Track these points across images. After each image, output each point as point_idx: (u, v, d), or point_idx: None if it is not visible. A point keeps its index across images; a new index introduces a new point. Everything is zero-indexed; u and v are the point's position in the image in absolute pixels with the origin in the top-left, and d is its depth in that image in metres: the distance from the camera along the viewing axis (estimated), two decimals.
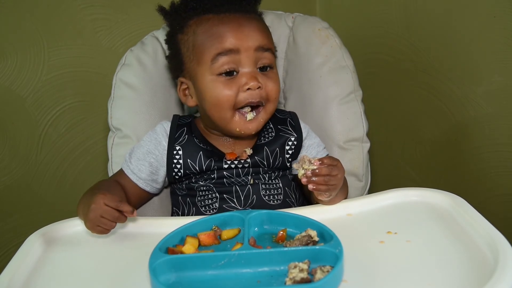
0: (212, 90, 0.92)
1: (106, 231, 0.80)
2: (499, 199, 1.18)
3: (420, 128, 1.36)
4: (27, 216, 1.38)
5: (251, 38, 0.92)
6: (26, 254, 0.75)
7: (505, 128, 1.13)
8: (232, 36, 0.91)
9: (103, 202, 0.77)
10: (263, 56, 0.94)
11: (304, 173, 0.81)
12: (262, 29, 0.96)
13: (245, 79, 0.91)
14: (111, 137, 1.07)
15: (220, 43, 0.91)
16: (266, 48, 0.94)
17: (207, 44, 0.92)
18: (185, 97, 1.00)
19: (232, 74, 0.92)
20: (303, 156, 0.83)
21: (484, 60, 1.13)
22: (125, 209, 0.77)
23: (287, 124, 1.02)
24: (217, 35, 0.92)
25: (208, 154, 0.96)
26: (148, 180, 0.98)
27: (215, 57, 0.91)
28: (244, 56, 0.91)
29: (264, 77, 0.93)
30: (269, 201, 0.95)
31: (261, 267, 0.66)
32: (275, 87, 0.95)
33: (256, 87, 0.91)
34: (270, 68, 0.96)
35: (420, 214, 0.80)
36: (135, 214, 0.78)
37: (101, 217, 0.77)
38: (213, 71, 0.92)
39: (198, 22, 0.95)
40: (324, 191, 0.82)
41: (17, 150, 1.33)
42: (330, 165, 0.82)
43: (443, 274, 0.64)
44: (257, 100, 0.92)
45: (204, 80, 0.93)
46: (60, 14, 1.29)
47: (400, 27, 1.33)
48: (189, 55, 0.96)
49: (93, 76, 1.36)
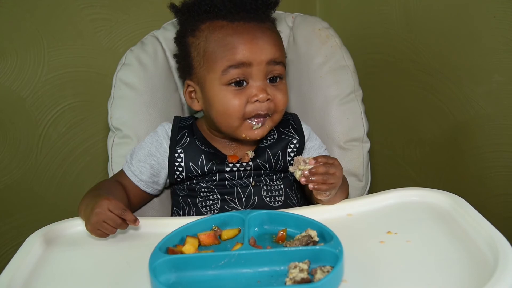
0: (221, 99, 0.91)
1: (106, 235, 0.80)
2: (499, 199, 1.18)
3: (420, 128, 1.36)
4: (27, 216, 1.38)
5: (264, 52, 0.91)
6: (26, 254, 0.75)
7: (505, 128, 1.13)
8: (245, 49, 0.90)
9: (107, 207, 0.77)
10: (274, 69, 0.93)
11: (301, 174, 0.81)
12: (275, 41, 0.94)
13: (255, 91, 0.90)
14: (111, 137, 1.07)
15: (233, 54, 0.89)
16: (278, 61, 0.93)
17: (219, 54, 0.91)
18: (190, 100, 1.00)
19: (242, 84, 0.91)
20: (297, 157, 0.83)
21: (484, 60, 1.13)
22: (128, 218, 0.78)
23: (289, 127, 1.02)
24: (230, 46, 0.90)
25: (210, 157, 0.96)
26: (149, 182, 0.98)
27: (226, 69, 0.90)
28: (256, 69, 0.90)
29: (274, 88, 0.93)
30: (270, 203, 0.95)
31: (261, 267, 0.66)
32: (283, 98, 0.94)
33: (265, 99, 0.91)
34: (280, 79, 0.95)
35: (420, 214, 0.80)
36: (137, 224, 0.78)
37: (104, 222, 0.78)
38: (223, 81, 0.91)
39: (211, 28, 0.93)
40: (324, 190, 0.82)
41: (17, 150, 1.33)
42: (326, 163, 0.82)
43: (443, 274, 0.64)
44: (265, 112, 0.92)
45: (213, 88, 0.92)
46: (60, 14, 1.29)
47: (400, 27, 1.33)
48: (199, 60, 0.94)
49: (93, 76, 1.35)
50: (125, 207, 0.78)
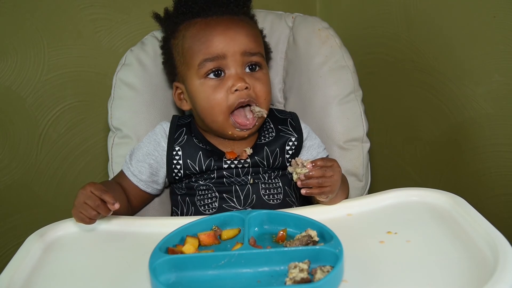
0: (201, 94, 0.93)
1: (87, 220, 0.78)
2: (499, 199, 1.18)
3: (420, 128, 1.36)
4: (27, 216, 1.38)
5: (237, 42, 0.92)
6: (26, 254, 0.75)
7: (505, 128, 1.13)
8: (218, 40, 0.92)
9: (89, 189, 0.77)
10: (250, 59, 0.94)
11: (298, 177, 0.81)
12: (249, 32, 0.95)
13: (232, 81, 0.92)
14: (111, 137, 1.08)
15: (207, 48, 0.92)
16: (254, 52, 0.94)
17: (194, 48, 0.93)
18: (180, 101, 1.02)
19: (220, 74, 0.93)
20: (296, 159, 0.83)
21: (484, 60, 1.13)
22: (107, 198, 0.76)
23: (288, 125, 1.02)
24: (204, 40, 0.93)
25: (208, 154, 0.96)
26: (149, 181, 0.98)
27: (201, 62, 0.92)
28: (231, 60, 0.92)
29: (252, 78, 0.94)
30: (269, 201, 0.95)
31: (261, 267, 0.66)
32: (263, 88, 0.95)
33: (243, 87, 0.92)
34: (259, 67, 0.96)
35: (420, 214, 0.80)
36: (116, 207, 0.76)
37: (84, 203, 0.77)
38: (200, 74, 0.93)
39: (187, 26, 0.97)
40: (317, 194, 0.82)
41: (17, 150, 1.33)
42: (323, 166, 0.81)
43: (443, 274, 0.64)
44: (247, 99, 0.92)
45: (193, 83, 0.94)
46: (60, 14, 1.29)
47: (400, 27, 1.33)
48: (179, 59, 0.97)
49: (93, 76, 1.35)
50: (106, 190, 0.77)
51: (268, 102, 0.97)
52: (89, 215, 0.78)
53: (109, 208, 0.77)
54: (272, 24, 1.19)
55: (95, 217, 0.78)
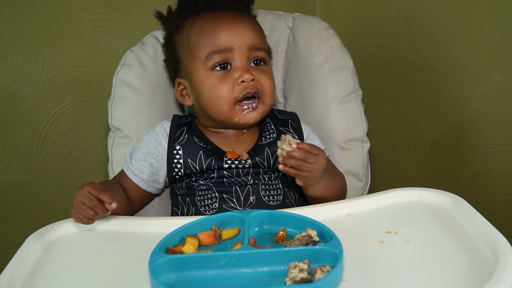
0: (207, 85, 0.94)
1: (86, 220, 0.78)
2: (499, 199, 1.18)
3: (420, 128, 1.36)
4: (27, 216, 1.38)
5: (244, 36, 0.94)
6: (26, 254, 0.75)
7: (505, 128, 1.13)
8: (225, 33, 0.93)
9: (87, 189, 0.77)
10: (256, 54, 0.96)
11: (281, 153, 0.82)
12: (255, 28, 0.98)
13: (239, 73, 0.92)
14: (111, 137, 1.08)
15: (214, 40, 0.93)
16: (259, 47, 0.96)
17: (201, 41, 0.94)
18: (182, 97, 1.02)
19: (226, 67, 0.93)
20: (286, 136, 0.82)
21: (484, 60, 1.13)
22: (104, 198, 0.76)
23: (288, 126, 1.02)
24: (210, 32, 0.93)
25: (209, 153, 0.96)
26: (149, 181, 0.98)
27: (209, 55, 0.93)
28: (238, 53, 0.93)
29: (258, 71, 0.95)
30: (269, 202, 0.95)
31: (261, 267, 0.66)
32: (268, 80, 0.96)
33: (250, 79, 0.92)
34: (264, 63, 0.97)
35: (420, 214, 0.80)
36: (114, 206, 0.76)
37: (82, 203, 0.77)
38: (207, 66, 0.94)
39: (192, 21, 0.98)
40: (293, 175, 0.83)
41: (17, 150, 1.33)
42: (307, 151, 0.82)
43: (443, 274, 0.64)
44: (253, 90, 0.93)
45: (199, 75, 0.95)
46: (60, 14, 1.29)
47: (400, 27, 1.33)
48: (184, 53, 0.98)
49: (93, 76, 1.35)
50: (104, 189, 0.77)
51: (273, 95, 0.98)
52: (87, 215, 0.78)
53: (106, 207, 0.77)
54: (272, 24, 1.19)
55: (93, 217, 0.79)
